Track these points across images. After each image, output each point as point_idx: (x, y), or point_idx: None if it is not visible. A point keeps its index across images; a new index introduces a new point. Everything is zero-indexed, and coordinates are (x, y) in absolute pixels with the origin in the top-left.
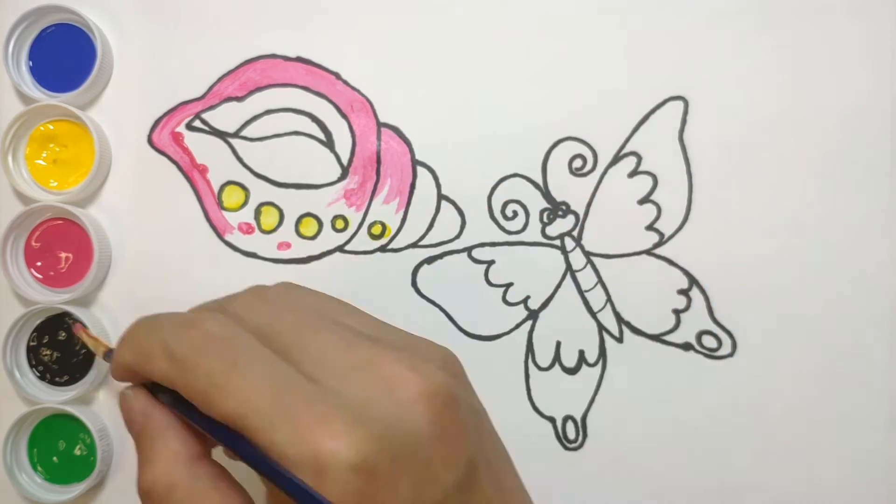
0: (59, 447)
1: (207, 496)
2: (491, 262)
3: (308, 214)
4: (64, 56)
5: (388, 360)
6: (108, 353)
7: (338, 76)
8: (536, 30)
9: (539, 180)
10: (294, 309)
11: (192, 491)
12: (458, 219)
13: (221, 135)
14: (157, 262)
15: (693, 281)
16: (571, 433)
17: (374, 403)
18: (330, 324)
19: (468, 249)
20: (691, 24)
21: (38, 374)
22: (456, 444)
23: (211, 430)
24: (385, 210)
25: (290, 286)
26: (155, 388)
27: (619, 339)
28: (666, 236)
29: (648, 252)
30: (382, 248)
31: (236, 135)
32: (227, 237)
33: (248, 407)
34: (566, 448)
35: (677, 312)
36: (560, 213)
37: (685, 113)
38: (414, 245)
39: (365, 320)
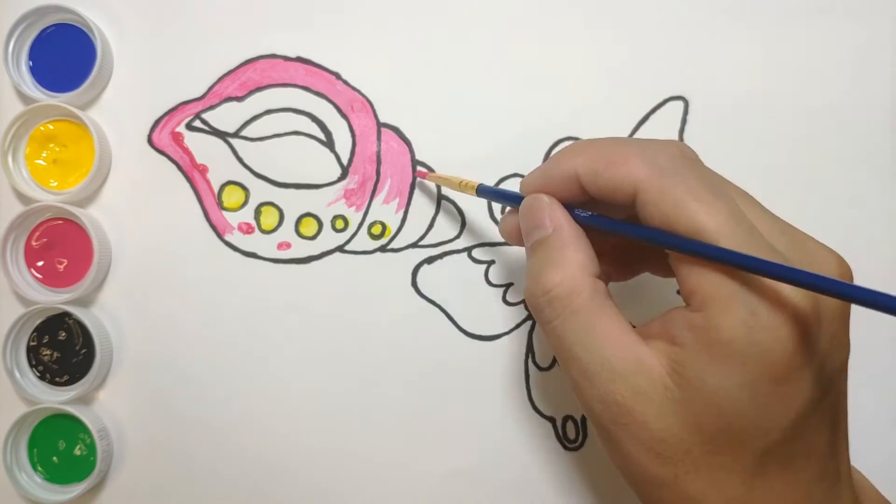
0: (59, 447)
1: (605, 308)
2: (491, 262)
3: (308, 214)
4: (64, 56)
5: (806, 237)
6: (482, 188)
7: (338, 76)
8: (536, 30)
9: None
10: (718, 175)
11: (591, 300)
12: (458, 219)
13: (221, 135)
14: (157, 262)
15: None
16: (571, 433)
17: (804, 267)
18: (746, 193)
19: (468, 249)
20: (691, 24)
21: (38, 374)
22: (847, 327)
23: (657, 236)
24: (385, 210)
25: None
26: (567, 208)
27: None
28: None
29: None
30: (382, 248)
31: (236, 135)
32: (227, 237)
33: (725, 228)
34: (566, 448)
35: None
36: None
37: (685, 113)
38: (414, 245)
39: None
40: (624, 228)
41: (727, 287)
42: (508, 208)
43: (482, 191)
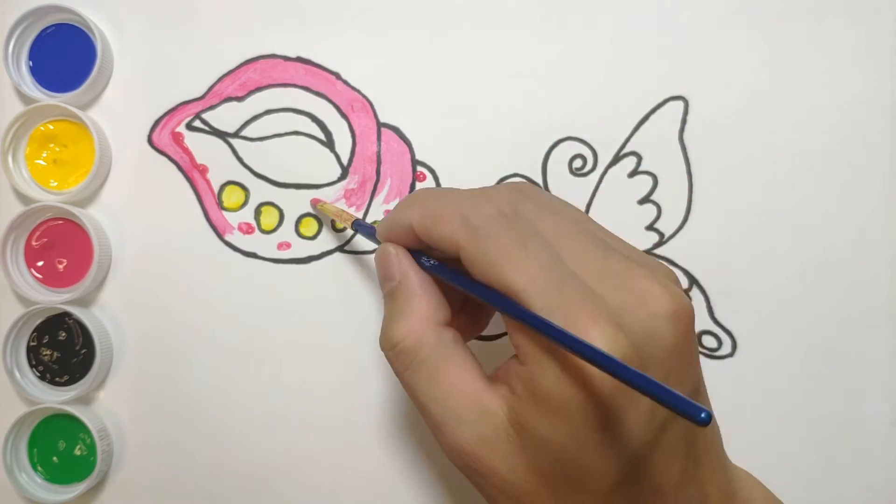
0: (59, 447)
1: (451, 357)
2: None
3: (308, 214)
4: (64, 56)
5: (640, 275)
6: (357, 223)
7: (338, 76)
8: (536, 30)
9: (539, 180)
10: (553, 210)
11: (438, 350)
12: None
13: (221, 135)
14: (157, 262)
15: (693, 281)
16: None
17: (630, 312)
18: (584, 231)
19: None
20: (691, 24)
21: (38, 374)
22: (690, 364)
23: (480, 292)
24: (385, 210)
25: (534, 187)
26: (415, 255)
27: None
28: (666, 236)
29: (648, 252)
30: None
31: (236, 135)
32: (227, 237)
33: (533, 285)
34: None
35: None
36: None
37: (685, 113)
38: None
39: (603, 232)
40: (457, 280)
41: (539, 345)
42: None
43: (356, 225)
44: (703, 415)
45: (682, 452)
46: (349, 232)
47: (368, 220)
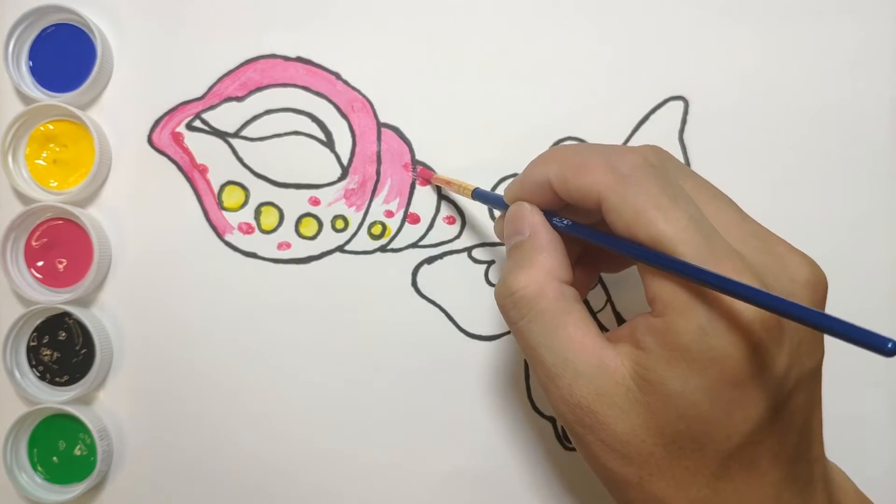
0: (59, 447)
1: (571, 311)
2: (491, 262)
3: (308, 214)
4: (64, 56)
5: (778, 241)
6: (477, 192)
7: (338, 76)
8: (537, 30)
9: None
10: (692, 171)
11: (557, 302)
12: (458, 219)
13: (221, 135)
14: (157, 262)
15: None
16: None
17: (771, 273)
18: (722, 194)
19: (468, 249)
20: (691, 24)
21: (38, 374)
22: (818, 334)
23: (622, 245)
24: (385, 210)
25: (667, 152)
26: (547, 216)
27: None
28: None
29: None
30: (382, 248)
31: (236, 135)
32: (227, 237)
33: (683, 235)
34: (566, 448)
35: None
36: None
37: (685, 113)
38: (414, 245)
39: (735, 203)
40: (594, 237)
41: (684, 294)
42: (500, 213)
43: (477, 194)
44: (889, 345)
45: (798, 426)
46: (349, 232)
47: (368, 220)
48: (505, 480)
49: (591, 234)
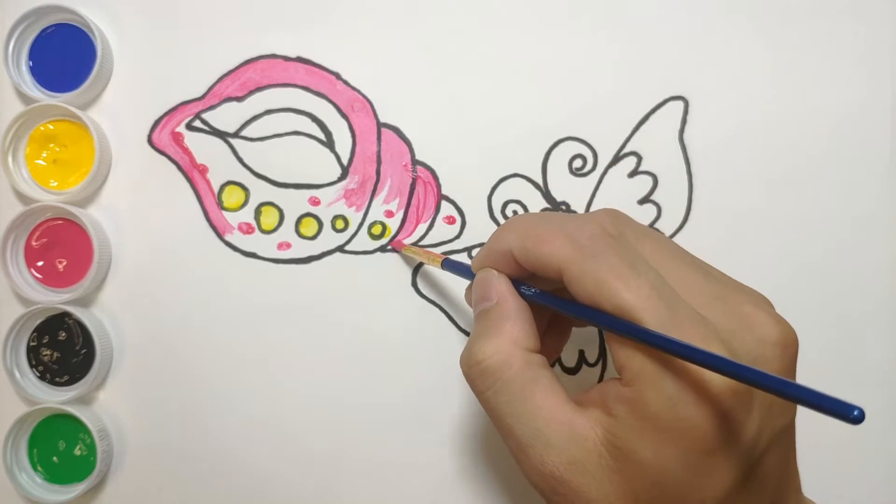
0: (59, 447)
1: (538, 379)
2: None
3: (308, 214)
4: (64, 56)
5: (743, 300)
6: (447, 262)
7: (338, 76)
8: (537, 30)
9: (539, 180)
10: (651, 235)
11: (524, 371)
12: (459, 219)
13: (221, 135)
14: (157, 262)
15: None
16: None
17: (737, 337)
18: (683, 255)
19: (468, 249)
20: (691, 24)
21: (38, 374)
22: (786, 404)
23: (588, 314)
24: (385, 210)
25: (625, 215)
26: (515, 284)
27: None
28: (666, 236)
29: None
30: (382, 249)
31: (236, 135)
32: (227, 237)
33: (646, 304)
34: None
35: None
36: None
37: (685, 113)
38: (414, 245)
39: (696, 259)
40: (562, 306)
41: (651, 364)
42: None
43: (447, 265)
44: (855, 412)
45: (772, 484)
46: (349, 232)
47: (368, 220)
48: (505, 480)
49: (558, 302)
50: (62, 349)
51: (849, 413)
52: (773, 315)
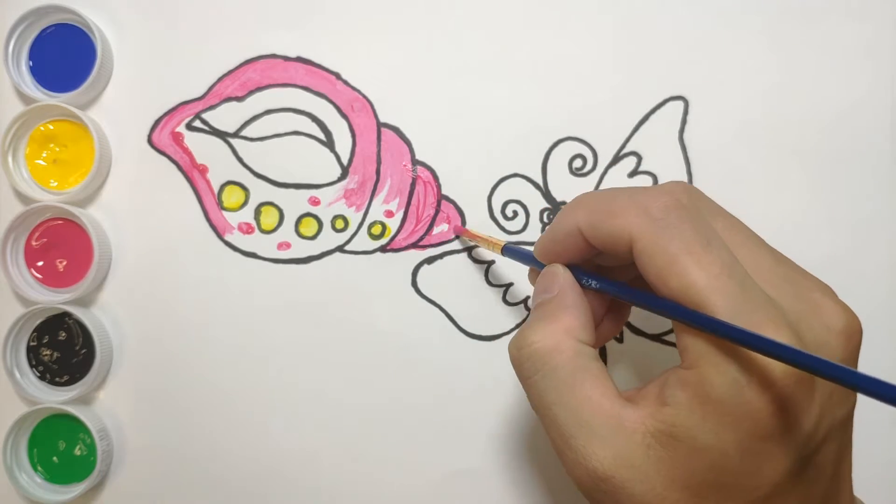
0: (59, 447)
1: (588, 369)
2: (491, 263)
3: (308, 214)
4: (64, 56)
5: (813, 287)
6: (508, 248)
7: (338, 76)
8: (537, 30)
9: (539, 180)
10: (724, 212)
11: (574, 360)
12: (458, 219)
13: (221, 135)
14: (157, 262)
15: None
16: None
17: (805, 321)
18: (754, 236)
19: (468, 249)
20: (691, 24)
21: (38, 374)
22: (847, 393)
23: (653, 302)
24: (385, 210)
25: (698, 189)
26: (578, 275)
27: (620, 339)
28: None
29: None
30: (382, 249)
31: (236, 135)
32: (227, 237)
33: (716, 283)
34: None
35: None
36: None
37: (685, 113)
38: (414, 245)
39: (766, 242)
40: (623, 294)
41: (718, 346)
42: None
43: (508, 251)
44: None
45: (827, 475)
46: (349, 232)
47: (368, 220)
48: (505, 480)
49: (622, 291)
50: (62, 349)
51: None
52: (840, 303)
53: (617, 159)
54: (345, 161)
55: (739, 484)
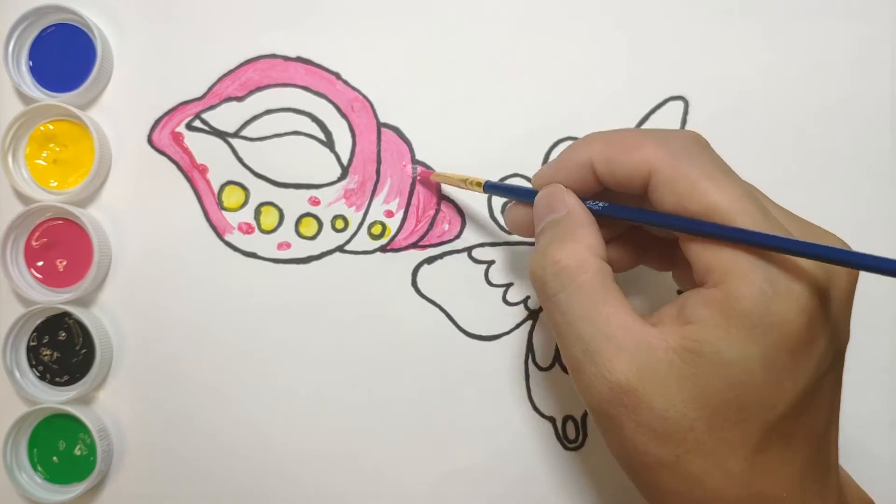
0: (59, 447)
1: (611, 288)
2: (491, 263)
3: (308, 214)
4: (64, 56)
5: (813, 225)
6: (489, 185)
7: (338, 76)
8: (537, 30)
9: None
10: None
11: (599, 277)
12: (459, 219)
13: (221, 135)
14: (157, 262)
15: None
16: (571, 433)
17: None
18: (758, 189)
19: (468, 249)
20: (691, 24)
21: (38, 374)
22: (849, 310)
23: (670, 220)
24: (385, 210)
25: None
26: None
27: None
28: None
29: None
30: (382, 249)
31: (236, 135)
32: (227, 237)
33: (739, 205)
34: (566, 448)
35: None
36: None
37: (685, 113)
38: (414, 245)
39: None
40: (639, 215)
41: (744, 260)
42: (512, 203)
43: (489, 187)
44: None
45: (828, 404)
46: (349, 232)
47: (368, 220)
48: (505, 480)
49: (634, 212)
50: (62, 349)
51: None
52: (839, 239)
53: None
54: (345, 161)
55: (759, 401)
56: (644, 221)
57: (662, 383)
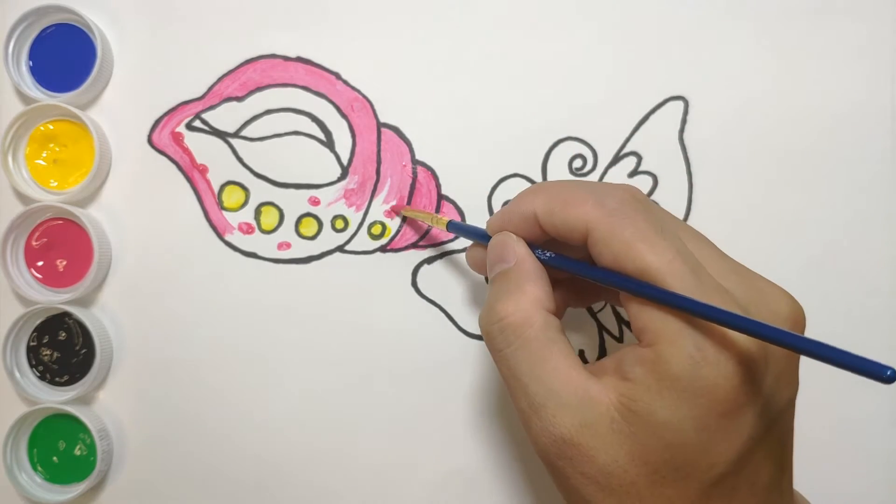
0: (59, 447)
1: (556, 342)
2: None
3: (308, 214)
4: (64, 56)
5: (757, 277)
6: (452, 224)
7: (338, 76)
8: (537, 30)
9: (539, 180)
10: (671, 216)
11: (544, 331)
12: (459, 219)
13: (221, 135)
14: (157, 262)
15: None
16: None
17: (754, 306)
18: (701, 235)
19: (468, 249)
20: (691, 24)
21: (38, 374)
22: (796, 369)
23: (608, 277)
24: (385, 210)
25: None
26: (530, 247)
27: (619, 339)
28: None
29: None
30: (382, 249)
31: (236, 135)
32: (227, 237)
33: (671, 268)
34: None
35: None
36: None
37: (685, 113)
38: (414, 245)
39: (713, 243)
40: (582, 270)
41: (674, 324)
42: (472, 243)
43: (453, 227)
44: (888, 372)
45: (775, 456)
46: (349, 232)
47: (368, 219)
48: (504, 480)
49: (577, 266)
50: (62, 349)
51: (882, 373)
52: (785, 292)
53: (617, 159)
54: (345, 161)
55: (695, 462)
56: (585, 275)
57: (604, 439)
